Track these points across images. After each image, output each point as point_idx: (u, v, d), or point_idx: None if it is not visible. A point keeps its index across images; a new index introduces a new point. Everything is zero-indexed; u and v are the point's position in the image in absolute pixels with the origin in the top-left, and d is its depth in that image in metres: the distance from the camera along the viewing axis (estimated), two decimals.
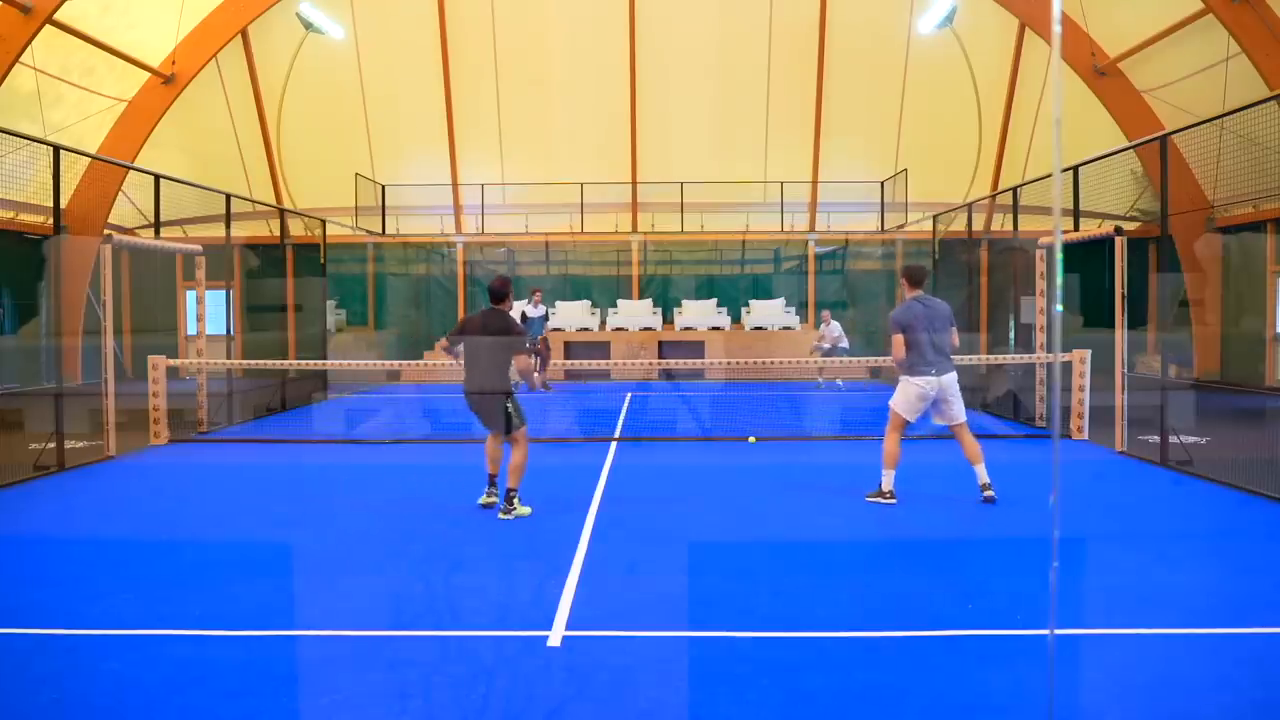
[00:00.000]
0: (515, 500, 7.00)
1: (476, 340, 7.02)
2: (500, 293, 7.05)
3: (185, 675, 4.10)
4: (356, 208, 20.20)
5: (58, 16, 14.36)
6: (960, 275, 15.29)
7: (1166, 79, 16.60)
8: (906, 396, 7.26)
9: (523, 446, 7.06)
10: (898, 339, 7.16)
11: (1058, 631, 2.99)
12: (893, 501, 7.28)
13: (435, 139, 21.35)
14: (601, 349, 20.35)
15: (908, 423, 7.35)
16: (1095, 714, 3.71)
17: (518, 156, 21.66)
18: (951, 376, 7.25)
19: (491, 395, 6.94)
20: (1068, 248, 11.62)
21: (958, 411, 7.26)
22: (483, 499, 7.30)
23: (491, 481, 7.32)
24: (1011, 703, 3.79)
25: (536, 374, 18.10)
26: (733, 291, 22.27)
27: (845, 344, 17.29)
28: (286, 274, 16.63)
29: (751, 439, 10.92)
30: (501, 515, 6.96)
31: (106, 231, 11.59)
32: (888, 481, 7.31)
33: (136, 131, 18.05)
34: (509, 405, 6.94)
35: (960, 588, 5.24)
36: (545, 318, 17.32)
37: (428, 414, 15.02)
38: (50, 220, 12.14)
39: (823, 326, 17.61)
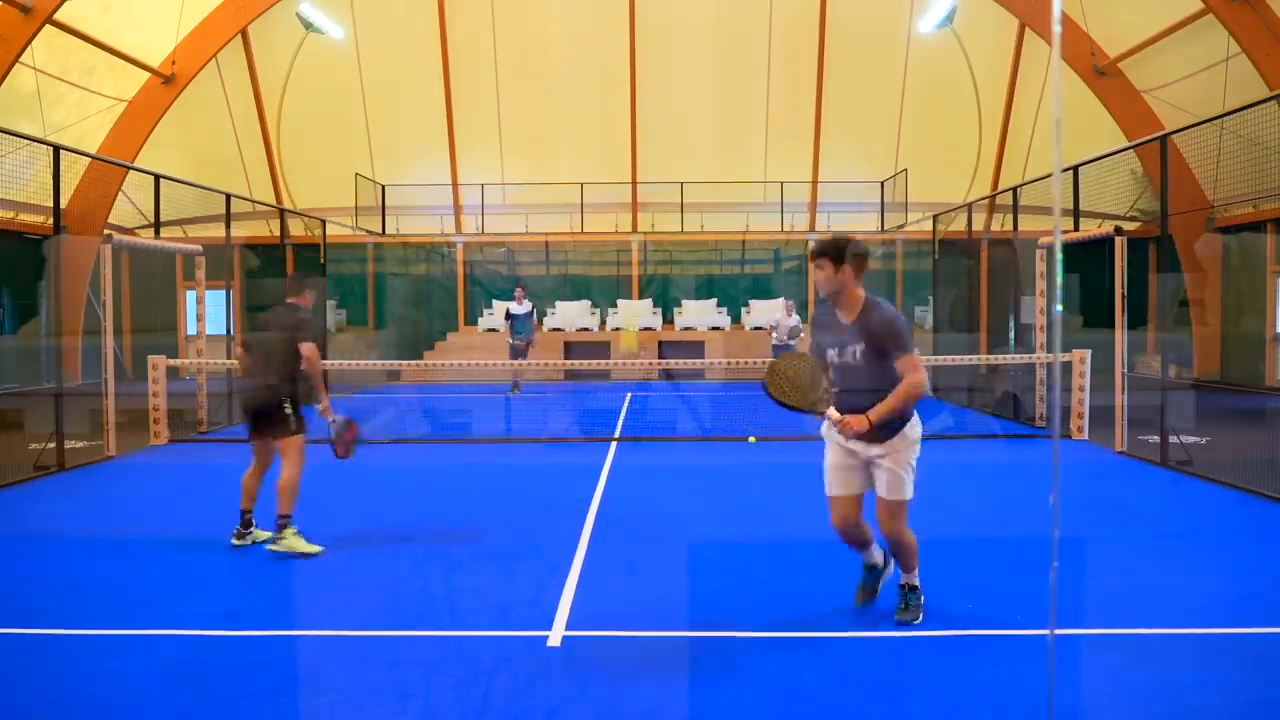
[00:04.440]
0: (288, 530, 5.85)
1: (261, 336, 6.19)
2: (288, 288, 6.33)
3: (185, 675, 4.10)
4: (356, 208, 20.20)
5: (58, 16, 14.36)
6: (960, 275, 15.29)
7: (1166, 79, 16.60)
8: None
9: (295, 462, 5.97)
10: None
11: (1058, 631, 2.99)
12: None
13: (435, 139, 21.35)
14: (601, 349, 20.35)
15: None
16: (1095, 714, 3.71)
17: (518, 156, 21.64)
18: None
19: (268, 394, 5.99)
20: (1068, 248, 11.61)
21: None
22: (235, 539, 6.13)
23: (244, 520, 6.13)
24: (1011, 703, 3.79)
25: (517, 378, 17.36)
26: (733, 291, 22.26)
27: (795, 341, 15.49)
28: (286, 274, 16.63)
29: (751, 439, 10.91)
30: (270, 548, 5.88)
31: (106, 231, 11.59)
32: None
33: (136, 131, 18.05)
34: (287, 406, 5.98)
35: (960, 588, 5.24)
36: (531, 314, 16.20)
37: (427, 414, 15.01)
38: (50, 220, 12.13)
39: (780, 317, 16.85)
